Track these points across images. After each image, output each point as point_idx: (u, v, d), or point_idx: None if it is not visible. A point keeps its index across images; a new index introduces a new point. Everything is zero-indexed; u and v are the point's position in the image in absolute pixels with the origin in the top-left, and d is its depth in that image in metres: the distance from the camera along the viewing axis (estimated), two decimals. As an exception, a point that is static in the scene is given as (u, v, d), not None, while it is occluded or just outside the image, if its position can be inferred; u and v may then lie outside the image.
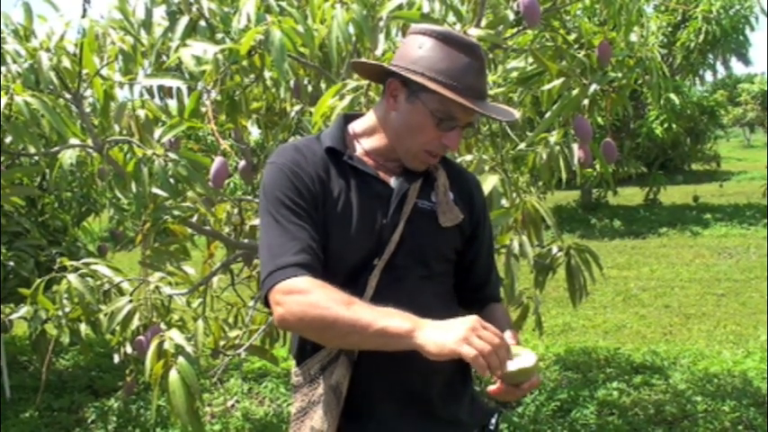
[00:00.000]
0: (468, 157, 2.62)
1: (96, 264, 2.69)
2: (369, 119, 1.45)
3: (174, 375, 1.82)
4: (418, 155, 1.37)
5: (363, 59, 1.41)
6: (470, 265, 1.51)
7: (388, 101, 1.38)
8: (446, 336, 1.13)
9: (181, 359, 1.90)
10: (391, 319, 1.17)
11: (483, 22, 2.51)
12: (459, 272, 1.49)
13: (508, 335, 1.32)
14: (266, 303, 1.30)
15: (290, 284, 1.24)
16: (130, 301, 2.51)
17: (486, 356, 1.12)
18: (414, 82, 1.32)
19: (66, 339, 2.80)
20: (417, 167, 1.40)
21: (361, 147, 1.43)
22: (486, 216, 1.55)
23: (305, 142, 1.42)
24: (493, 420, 1.43)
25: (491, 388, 1.25)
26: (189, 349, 1.93)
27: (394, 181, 1.41)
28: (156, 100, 2.86)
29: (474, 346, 1.12)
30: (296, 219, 1.30)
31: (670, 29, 10.60)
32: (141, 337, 2.48)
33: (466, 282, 1.52)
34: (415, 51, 1.34)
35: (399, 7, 2.29)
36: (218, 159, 2.27)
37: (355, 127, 1.46)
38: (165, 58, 2.61)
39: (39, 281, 2.67)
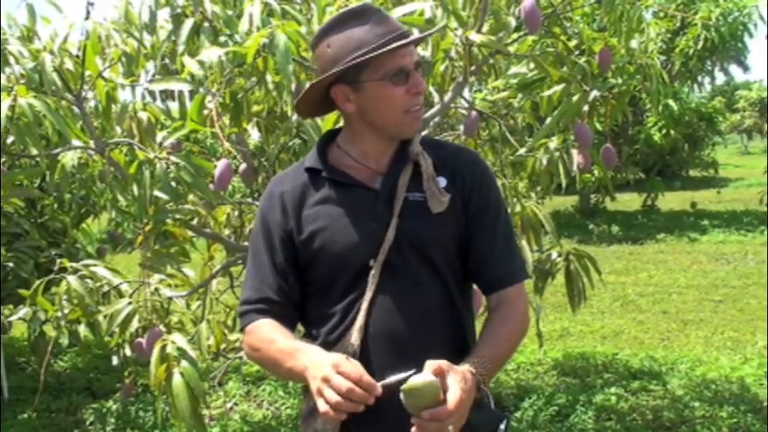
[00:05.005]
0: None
1: (96, 265, 2.70)
2: (345, 130, 1.48)
3: (177, 379, 1.82)
4: (404, 120, 1.39)
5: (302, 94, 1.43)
6: (470, 249, 1.43)
7: (345, 107, 1.41)
8: (312, 386, 1.21)
9: (184, 363, 1.89)
10: (293, 360, 1.29)
11: (485, 28, 2.52)
12: (468, 259, 1.44)
13: (428, 366, 1.19)
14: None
15: (246, 329, 1.43)
16: (130, 302, 2.51)
17: (337, 408, 1.16)
18: (349, 74, 1.36)
19: (64, 341, 2.80)
20: (412, 130, 1.41)
21: (350, 156, 1.44)
22: (483, 191, 1.44)
23: (294, 168, 1.51)
24: (502, 426, 1.42)
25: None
26: (191, 353, 1.93)
27: (379, 180, 1.41)
28: (158, 102, 2.87)
29: (326, 400, 1.17)
30: (267, 255, 1.43)
31: (669, 35, 10.60)
32: (140, 339, 2.48)
33: (469, 268, 1.44)
34: (328, 54, 1.38)
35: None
36: (222, 162, 2.28)
37: (339, 140, 1.48)
38: (167, 60, 2.61)
39: (38, 282, 2.67)
